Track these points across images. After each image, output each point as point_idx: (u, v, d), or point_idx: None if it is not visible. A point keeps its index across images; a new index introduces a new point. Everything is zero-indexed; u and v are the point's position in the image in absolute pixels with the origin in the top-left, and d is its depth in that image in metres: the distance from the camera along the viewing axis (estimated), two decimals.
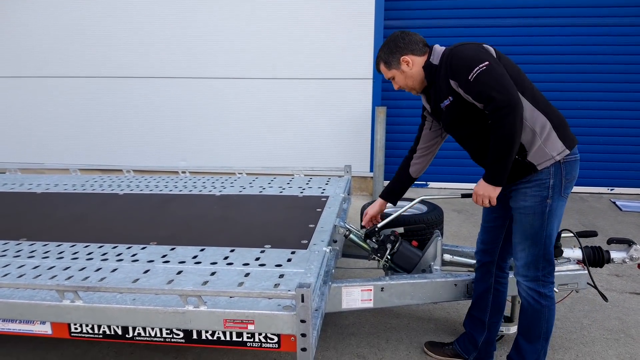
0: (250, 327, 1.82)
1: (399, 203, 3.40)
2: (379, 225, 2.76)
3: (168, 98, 6.37)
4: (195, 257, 2.33)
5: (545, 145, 2.10)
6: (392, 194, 2.78)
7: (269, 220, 2.86)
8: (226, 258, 2.30)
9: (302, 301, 1.75)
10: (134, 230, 2.73)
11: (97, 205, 3.26)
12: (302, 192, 3.48)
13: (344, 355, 2.71)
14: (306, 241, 2.50)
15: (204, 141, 6.42)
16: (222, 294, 1.79)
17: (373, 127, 6.00)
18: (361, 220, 2.95)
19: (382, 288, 2.59)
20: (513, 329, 2.82)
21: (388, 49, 2.27)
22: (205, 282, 2.05)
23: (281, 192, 3.51)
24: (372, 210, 2.84)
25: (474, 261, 2.99)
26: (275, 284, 2.02)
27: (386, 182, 6.28)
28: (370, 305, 2.60)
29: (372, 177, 6.15)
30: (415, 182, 2.77)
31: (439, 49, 2.23)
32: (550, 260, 2.22)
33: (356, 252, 3.12)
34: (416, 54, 2.24)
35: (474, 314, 2.61)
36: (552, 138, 2.10)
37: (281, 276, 2.10)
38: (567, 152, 2.12)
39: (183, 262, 2.27)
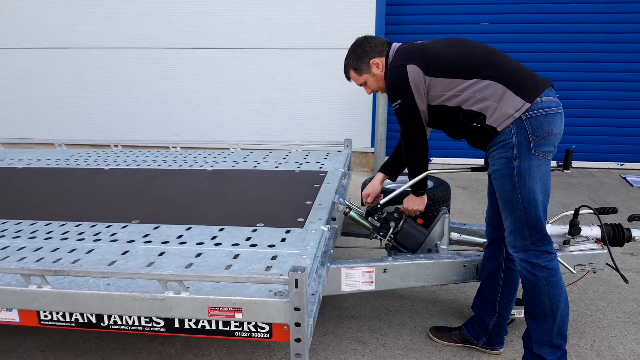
0: (238, 316, 1.62)
1: (402, 178, 3.19)
2: (381, 201, 2.54)
3: (161, 70, 6.09)
4: (180, 236, 2.12)
5: (501, 106, 2.03)
6: (392, 168, 2.63)
7: (263, 196, 2.65)
8: (214, 238, 2.10)
9: (296, 287, 1.54)
10: (115, 207, 2.52)
11: (79, 181, 3.04)
12: (299, 167, 3.26)
13: (343, 341, 2.53)
14: (302, 219, 2.29)
15: (198, 116, 6.17)
16: (206, 278, 1.58)
17: (374, 100, 5.75)
18: (362, 199, 2.74)
19: (385, 269, 2.39)
20: None
21: (355, 55, 2.33)
22: (189, 265, 1.85)
23: (277, 167, 3.29)
24: (373, 187, 2.68)
25: (483, 240, 2.79)
26: (267, 267, 1.82)
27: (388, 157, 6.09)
28: (371, 287, 2.41)
29: (373, 153, 5.92)
30: None
31: (393, 48, 2.29)
32: (536, 227, 2.05)
33: (357, 230, 2.92)
34: (382, 55, 2.30)
35: (483, 296, 2.42)
36: (507, 97, 2.03)
37: (274, 258, 1.90)
38: (528, 105, 2.00)
39: (166, 242, 2.07)
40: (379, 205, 2.55)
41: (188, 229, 2.21)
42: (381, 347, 2.49)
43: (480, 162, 2.60)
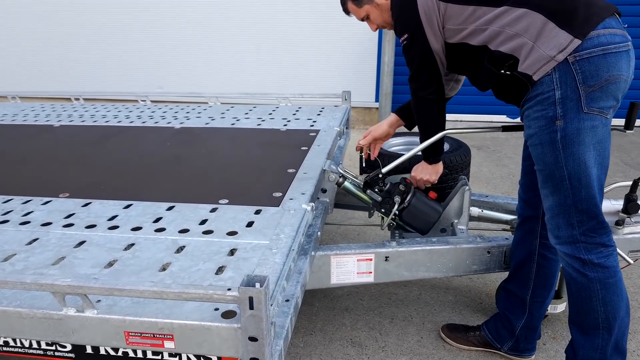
0: (169, 345, 1.11)
1: (411, 139, 2.62)
2: (383, 169, 1.99)
3: (137, 15, 5.41)
4: (113, 217, 1.59)
5: (539, 45, 1.48)
6: (410, 111, 2.00)
7: (234, 163, 2.10)
8: (157, 220, 1.57)
9: (251, 308, 1.02)
10: (45, 175, 1.99)
11: (15, 141, 2.50)
12: (285, 125, 2.69)
13: (333, 342, 2.05)
14: (279, 194, 1.75)
15: (180, 67, 5.54)
16: (116, 292, 1.06)
17: (380, 48, 5.08)
18: (360, 169, 2.20)
19: (387, 257, 1.88)
20: (560, 307, 2.12)
21: None
22: (111, 263, 1.33)
23: (259, 124, 2.72)
24: (377, 129, 2.15)
25: (510, 216, 2.25)
26: (220, 267, 1.30)
27: None
28: (369, 279, 1.90)
29: (377, 108, 5.30)
30: None
31: None
32: (588, 212, 1.52)
33: (353, 201, 2.39)
34: None
35: (511, 290, 1.91)
36: (548, 31, 1.47)
37: (232, 252, 1.37)
38: (577, 42, 1.43)
39: (92, 226, 1.54)
40: (380, 174, 2.00)
41: (127, 206, 1.68)
42: (381, 350, 2.00)
43: (497, 120, 2.03)
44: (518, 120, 1.80)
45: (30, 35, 5.69)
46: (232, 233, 1.48)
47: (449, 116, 5.35)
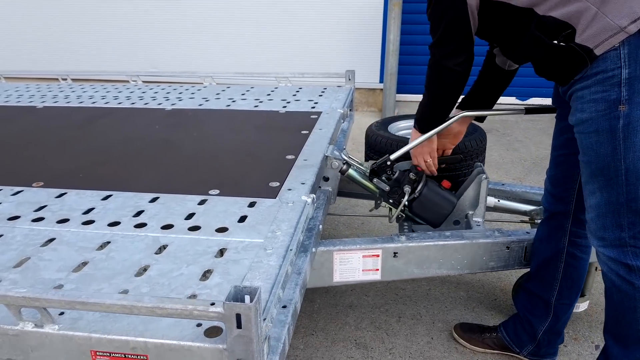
0: None
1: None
2: (392, 156, 1.80)
3: None
4: (89, 211, 1.42)
5: (606, 11, 1.22)
6: (478, 99, 1.76)
7: (228, 148, 1.92)
8: (138, 214, 1.39)
9: (239, 327, 0.85)
10: (19, 162, 1.81)
11: None
12: (284, 107, 2.50)
13: (336, 343, 1.89)
14: (277, 184, 1.57)
15: (175, 45, 5.31)
16: (79, 306, 0.89)
17: (385, 26, 4.83)
18: (365, 155, 2.01)
19: (395, 253, 1.71)
20: (583, 305, 1.96)
21: None
22: (81, 266, 1.15)
23: (256, 106, 2.53)
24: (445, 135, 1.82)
25: (529, 207, 2.07)
26: (206, 271, 1.12)
27: (399, 95, 5.24)
28: (376, 277, 1.73)
29: (381, 89, 5.08)
30: None
31: None
32: None
33: (357, 189, 2.21)
34: None
35: (532, 290, 1.74)
36: None
37: (221, 253, 1.20)
38: None
39: (65, 220, 1.37)
40: (388, 161, 1.81)
41: (106, 197, 1.50)
42: (388, 353, 1.84)
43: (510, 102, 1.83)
44: (529, 102, 1.57)
45: (17, 14, 5.46)
46: (221, 229, 1.30)
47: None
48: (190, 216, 1.37)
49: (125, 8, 5.26)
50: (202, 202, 1.46)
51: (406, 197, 1.75)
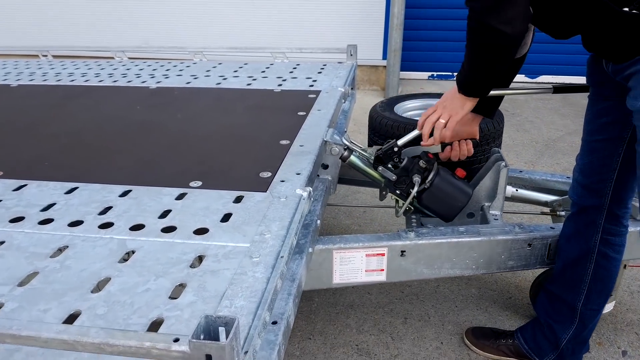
0: None
1: (432, 102, 2.19)
2: (399, 141, 1.59)
3: None
4: (49, 207, 1.22)
5: None
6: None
7: (214, 132, 1.71)
8: (105, 212, 1.19)
9: None
10: None
11: None
12: (280, 85, 2.28)
13: (335, 349, 1.71)
14: (268, 174, 1.37)
15: (166, 20, 5.04)
16: (9, 339, 0.69)
17: (388, 0, 4.57)
18: (369, 139, 1.80)
19: (403, 251, 1.51)
20: (609, 306, 1.78)
21: None
22: (30, 276, 0.96)
23: (249, 84, 2.31)
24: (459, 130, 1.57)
25: (550, 197, 1.87)
26: (178, 285, 0.93)
27: (403, 73, 4.98)
28: (381, 278, 1.55)
29: (385, 67, 4.84)
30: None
31: None
32: None
33: (359, 176, 2.00)
34: None
35: (556, 293, 1.55)
36: None
37: (198, 261, 1.00)
38: None
39: (20, 219, 1.17)
40: (395, 148, 1.60)
41: (70, 191, 1.30)
42: None
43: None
44: (541, 79, 1.35)
45: None
46: (200, 231, 1.10)
47: None
48: (165, 214, 1.17)
49: None
50: (180, 197, 1.26)
51: (416, 188, 1.55)
